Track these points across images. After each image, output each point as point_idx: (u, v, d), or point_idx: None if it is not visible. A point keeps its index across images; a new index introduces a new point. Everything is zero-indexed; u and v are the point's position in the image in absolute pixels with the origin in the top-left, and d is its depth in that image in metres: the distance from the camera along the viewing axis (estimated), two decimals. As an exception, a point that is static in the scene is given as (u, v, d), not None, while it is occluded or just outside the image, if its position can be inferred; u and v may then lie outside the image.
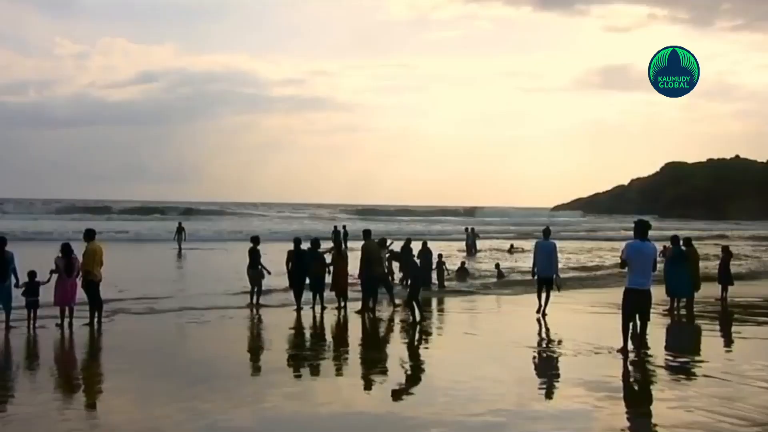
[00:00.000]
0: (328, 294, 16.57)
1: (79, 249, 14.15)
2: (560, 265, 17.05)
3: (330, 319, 15.64)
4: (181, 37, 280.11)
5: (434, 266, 21.57)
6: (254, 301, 16.76)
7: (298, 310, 16.06)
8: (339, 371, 10.98)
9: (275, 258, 17.58)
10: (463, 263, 25.41)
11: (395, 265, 18.65)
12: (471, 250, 34.68)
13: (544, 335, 13.93)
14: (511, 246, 37.07)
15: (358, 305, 16.10)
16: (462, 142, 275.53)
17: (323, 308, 16.23)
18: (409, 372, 10.99)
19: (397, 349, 12.90)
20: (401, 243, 20.70)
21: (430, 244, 21.99)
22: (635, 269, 10.83)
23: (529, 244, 42.00)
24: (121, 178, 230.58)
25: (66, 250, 13.92)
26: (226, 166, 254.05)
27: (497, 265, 25.08)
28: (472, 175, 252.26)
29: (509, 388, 9.44)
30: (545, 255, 15.67)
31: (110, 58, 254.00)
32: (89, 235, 14.23)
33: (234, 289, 18.95)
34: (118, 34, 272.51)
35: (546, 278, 15.72)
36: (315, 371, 10.86)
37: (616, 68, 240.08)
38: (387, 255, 17.74)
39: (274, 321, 15.14)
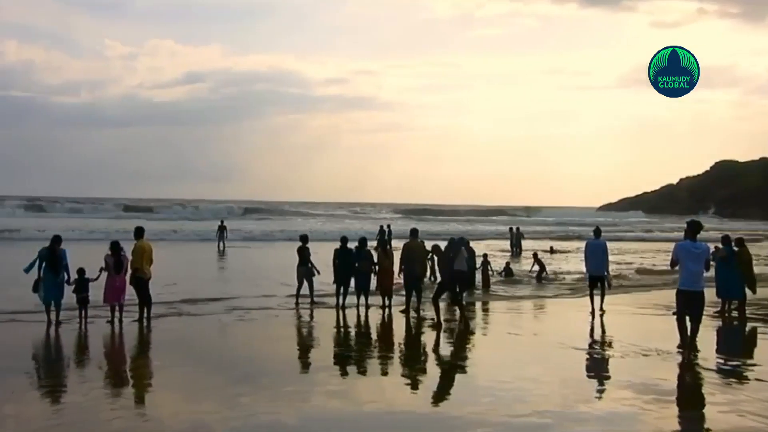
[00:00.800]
0: (373, 293, 16.61)
1: (129, 247, 14.42)
2: (617, 266, 17.06)
3: (375, 318, 15.67)
4: (227, 38, 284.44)
5: (479, 267, 21.47)
6: (298, 299, 16.85)
7: (342, 308, 16.12)
8: (383, 370, 10.98)
9: (321, 257, 17.66)
10: (507, 264, 25.19)
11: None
12: (515, 250, 34.37)
13: (590, 336, 13.73)
14: (551, 248, 36.61)
15: (403, 305, 16.10)
16: (506, 141, 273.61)
17: (368, 307, 16.26)
18: (452, 372, 10.92)
19: (440, 348, 12.85)
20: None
21: (474, 245, 21.87)
22: (685, 270, 10.67)
23: (571, 245, 41.75)
24: (168, 177, 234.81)
25: (115, 247, 14.21)
26: (271, 165, 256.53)
27: (507, 264, 24.81)
28: (517, 175, 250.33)
29: (554, 389, 9.33)
30: (596, 254, 16.06)
31: (158, 59, 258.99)
32: (138, 233, 14.50)
33: (278, 288, 19.11)
34: (165, 35, 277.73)
35: (597, 277, 16.12)
36: (359, 370, 10.89)
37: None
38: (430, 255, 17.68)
39: (319, 319, 15.23)
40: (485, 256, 21.89)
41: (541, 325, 15.61)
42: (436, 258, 17.29)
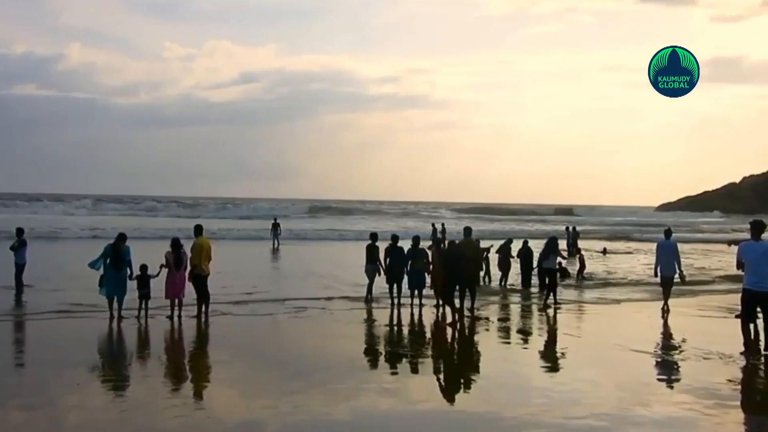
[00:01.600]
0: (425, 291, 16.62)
1: (189, 245, 14.72)
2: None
3: (428, 316, 15.66)
4: (281, 38, 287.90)
5: (535, 266, 21.25)
6: (369, 296, 16.97)
7: (393, 305, 16.14)
8: (436, 369, 10.97)
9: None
10: (560, 264, 24.81)
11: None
12: (571, 250, 33.86)
13: (650, 339, 13.43)
14: (604, 249, 35.93)
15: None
16: (562, 139, 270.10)
17: (421, 305, 16.26)
18: (506, 372, 10.84)
19: (494, 348, 12.77)
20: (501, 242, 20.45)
21: (530, 243, 21.69)
22: (751, 269, 10.52)
23: (626, 246, 41.00)
24: (223, 175, 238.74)
25: (175, 244, 14.54)
26: (325, 164, 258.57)
27: (559, 264, 24.37)
28: (573, 173, 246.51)
29: (611, 392, 9.18)
30: (667, 254, 16.31)
31: (214, 60, 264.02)
32: (197, 230, 14.79)
33: (331, 285, 19.26)
34: (222, 36, 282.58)
35: (668, 277, 16.29)
36: (412, 368, 10.90)
37: (725, 60, 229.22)
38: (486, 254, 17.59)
39: (373, 317, 15.29)
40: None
41: (598, 326, 15.36)
42: (495, 257, 17.24)
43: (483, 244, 21.77)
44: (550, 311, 16.65)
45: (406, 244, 17.13)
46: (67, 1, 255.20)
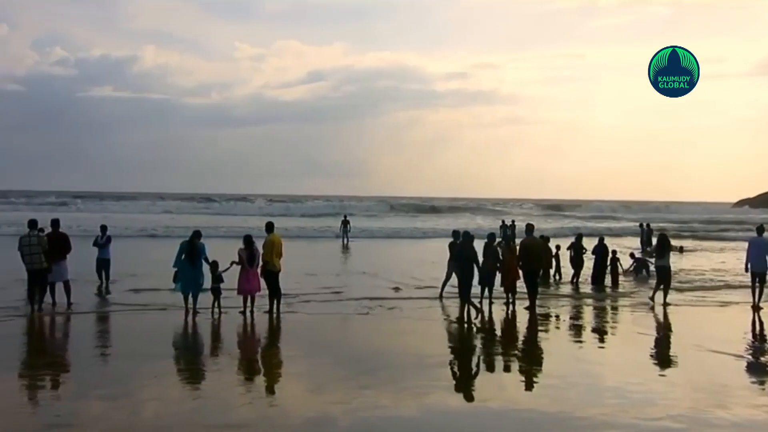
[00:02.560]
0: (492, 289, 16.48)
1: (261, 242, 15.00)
2: None
3: (498, 314, 15.53)
4: (349, 37, 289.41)
5: (608, 264, 20.84)
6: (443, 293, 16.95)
7: (462, 302, 16.04)
8: (506, 367, 10.87)
9: (442, 254, 17.68)
10: (636, 261, 24.25)
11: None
12: (645, 247, 33.03)
13: (731, 339, 12.97)
14: (681, 247, 34.85)
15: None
16: (634, 134, 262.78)
17: (491, 303, 16.14)
18: (578, 371, 10.64)
19: (565, 346, 12.57)
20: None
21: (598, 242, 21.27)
22: None
23: (702, 244, 39.67)
24: (294, 173, 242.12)
25: (248, 241, 14.82)
26: (393, 161, 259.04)
27: (632, 254, 23.76)
28: (646, 169, 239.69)
29: (688, 393, 8.92)
30: (759, 251, 16.31)
31: (283, 60, 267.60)
32: (269, 227, 15.03)
33: (401, 282, 19.28)
34: (291, 36, 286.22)
35: (759, 273, 16.28)
36: (481, 366, 10.83)
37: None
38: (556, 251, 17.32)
39: (442, 314, 15.24)
40: (614, 252, 21.20)
41: (675, 326, 14.91)
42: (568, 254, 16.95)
43: (551, 242, 21.51)
44: (654, 308, 16.28)
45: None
46: (142, 6, 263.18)
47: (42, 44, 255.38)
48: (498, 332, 14.05)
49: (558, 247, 22.26)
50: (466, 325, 14.16)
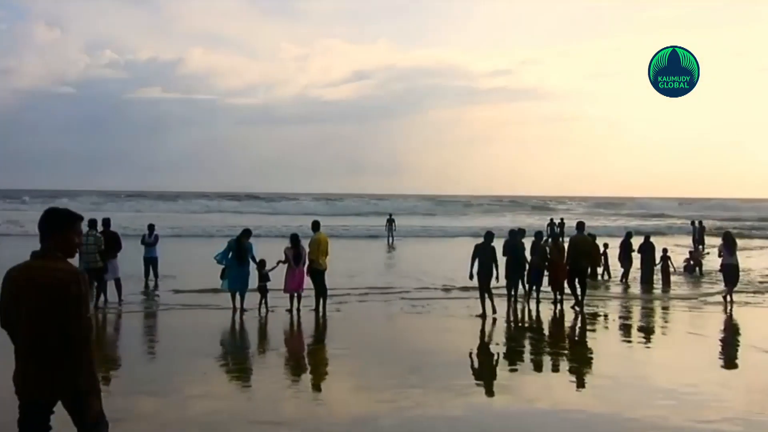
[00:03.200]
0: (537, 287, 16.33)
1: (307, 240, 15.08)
2: None
3: (546, 313, 15.35)
4: (393, 35, 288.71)
5: (658, 263, 20.43)
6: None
7: (509, 301, 15.91)
8: (554, 366, 10.74)
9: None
10: (689, 260, 23.75)
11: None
12: (698, 245, 32.30)
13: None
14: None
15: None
16: (684, 129, 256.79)
17: (539, 301, 15.96)
18: (628, 371, 10.44)
19: (615, 346, 12.37)
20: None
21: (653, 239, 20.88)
22: None
23: (755, 243, 38.53)
24: (338, 172, 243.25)
25: (295, 240, 14.92)
26: (437, 159, 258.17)
27: (688, 261, 23.15)
28: (697, 165, 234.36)
29: (745, 395, 8.68)
30: None
31: (327, 59, 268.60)
32: (315, 226, 15.11)
33: (447, 281, 19.20)
34: (335, 35, 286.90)
35: None
36: (529, 365, 10.72)
37: None
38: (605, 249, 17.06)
39: (489, 313, 15.09)
40: (665, 251, 20.76)
41: (728, 326, 14.57)
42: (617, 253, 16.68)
43: (600, 240, 21.17)
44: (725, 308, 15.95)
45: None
46: (189, 8, 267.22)
47: (93, 47, 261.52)
48: (546, 331, 13.89)
49: (606, 246, 21.93)
50: (512, 323, 14.04)
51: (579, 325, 14.21)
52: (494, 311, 14.59)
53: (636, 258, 20.95)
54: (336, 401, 8.53)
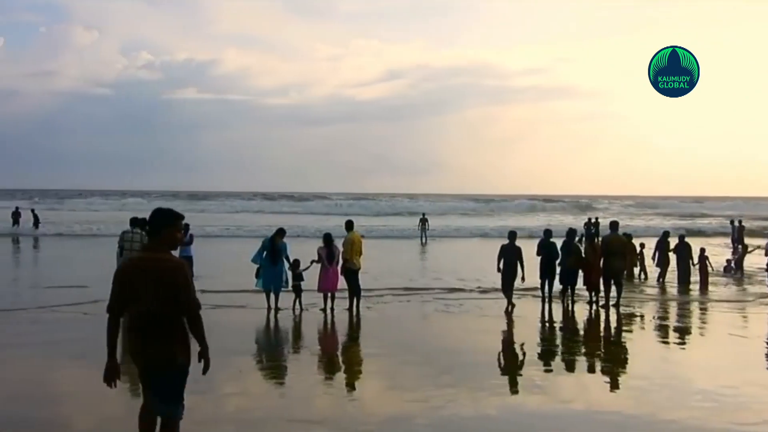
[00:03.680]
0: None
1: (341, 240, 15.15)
2: None
3: (581, 313, 15.21)
4: (426, 34, 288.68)
5: (695, 263, 20.10)
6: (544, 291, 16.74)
7: (543, 301, 15.80)
8: (589, 367, 10.64)
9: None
10: (729, 261, 23.34)
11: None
12: (737, 245, 31.66)
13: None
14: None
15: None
16: (725, 126, 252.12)
17: (574, 302, 15.81)
18: (665, 372, 10.30)
19: (651, 347, 12.20)
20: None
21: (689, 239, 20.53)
22: None
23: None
24: (371, 171, 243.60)
25: (327, 239, 14.98)
26: (471, 158, 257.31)
27: (729, 261, 22.67)
28: (735, 162, 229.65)
29: (785, 398, 8.50)
30: None
31: (360, 59, 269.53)
32: (349, 225, 15.16)
33: (481, 281, 19.13)
34: (369, 35, 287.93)
35: None
36: (563, 366, 10.64)
37: None
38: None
39: (524, 313, 15.01)
40: (702, 251, 20.40)
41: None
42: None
43: (636, 240, 20.92)
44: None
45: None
46: (224, 9, 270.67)
47: (129, 49, 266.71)
48: (580, 332, 13.77)
49: (642, 246, 21.66)
50: (546, 324, 13.95)
51: (614, 325, 14.05)
52: (510, 309, 14.92)
53: (673, 258, 20.64)
54: (369, 400, 8.55)
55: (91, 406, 8.07)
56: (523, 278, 15.13)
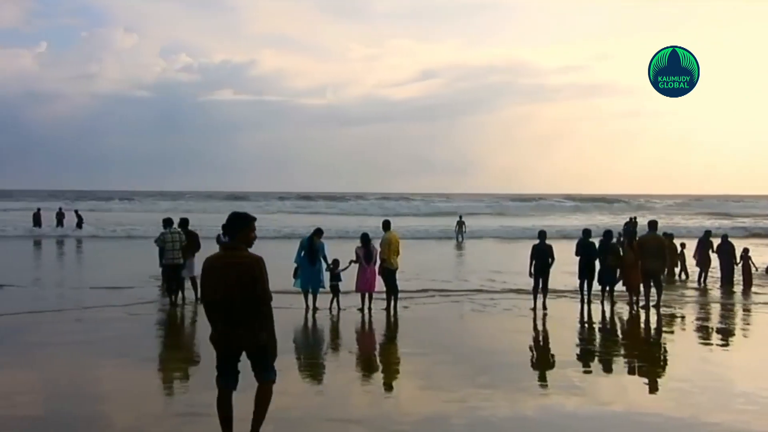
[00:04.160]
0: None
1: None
2: None
3: (620, 314, 15.04)
4: (461, 33, 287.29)
5: (738, 262, 19.71)
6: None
7: (582, 302, 15.66)
8: (628, 369, 10.54)
9: (562, 254, 17.26)
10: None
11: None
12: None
13: None
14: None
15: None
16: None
17: (613, 303, 15.64)
18: (707, 374, 10.14)
19: (692, 348, 12.02)
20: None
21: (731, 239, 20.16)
22: None
23: None
24: (406, 171, 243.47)
25: (365, 239, 15.04)
26: (507, 158, 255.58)
27: None
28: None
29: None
30: None
31: (395, 59, 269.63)
32: (386, 225, 15.21)
33: (518, 282, 19.03)
34: (403, 34, 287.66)
35: None
36: (602, 367, 10.55)
37: None
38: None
39: (561, 313, 14.91)
40: (745, 251, 19.99)
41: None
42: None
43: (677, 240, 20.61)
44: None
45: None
46: (260, 11, 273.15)
47: (168, 52, 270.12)
48: (620, 333, 13.63)
49: (683, 246, 21.33)
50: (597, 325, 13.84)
51: (654, 326, 13.88)
52: (544, 308, 15.07)
53: (715, 258, 20.29)
54: (406, 400, 8.58)
55: (131, 403, 8.24)
56: (530, 274, 15.38)
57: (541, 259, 15.31)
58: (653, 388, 9.29)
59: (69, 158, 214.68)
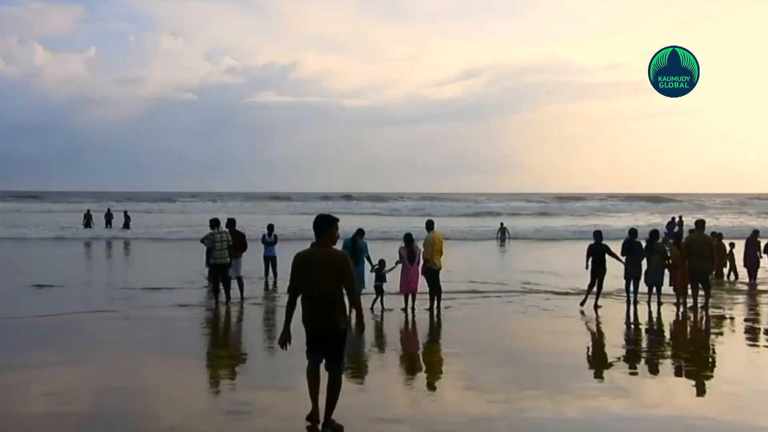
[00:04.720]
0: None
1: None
2: None
3: (667, 315, 14.80)
4: (503, 32, 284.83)
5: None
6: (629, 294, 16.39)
7: (628, 302, 15.44)
8: (676, 371, 10.38)
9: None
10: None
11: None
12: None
13: None
14: None
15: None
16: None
17: (660, 303, 15.39)
18: (757, 377, 9.93)
19: (741, 350, 11.79)
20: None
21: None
22: None
23: None
24: (448, 171, 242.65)
25: (409, 240, 15.06)
26: (549, 156, 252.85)
27: None
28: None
29: None
30: None
31: (436, 58, 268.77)
32: (429, 225, 15.21)
33: (563, 283, 18.87)
34: (444, 34, 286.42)
35: None
36: (648, 369, 10.40)
37: None
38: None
39: (608, 314, 14.73)
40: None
41: None
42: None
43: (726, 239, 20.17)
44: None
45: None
46: (303, 13, 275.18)
47: (213, 55, 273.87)
48: (667, 334, 13.42)
49: (732, 245, 20.89)
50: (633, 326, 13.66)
51: (702, 327, 13.64)
52: (596, 306, 15.17)
53: (763, 259, 19.82)
54: (450, 400, 8.59)
55: (178, 400, 8.40)
56: (586, 266, 15.53)
57: (596, 258, 15.28)
58: (701, 391, 9.15)
59: (117, 160, 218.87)
